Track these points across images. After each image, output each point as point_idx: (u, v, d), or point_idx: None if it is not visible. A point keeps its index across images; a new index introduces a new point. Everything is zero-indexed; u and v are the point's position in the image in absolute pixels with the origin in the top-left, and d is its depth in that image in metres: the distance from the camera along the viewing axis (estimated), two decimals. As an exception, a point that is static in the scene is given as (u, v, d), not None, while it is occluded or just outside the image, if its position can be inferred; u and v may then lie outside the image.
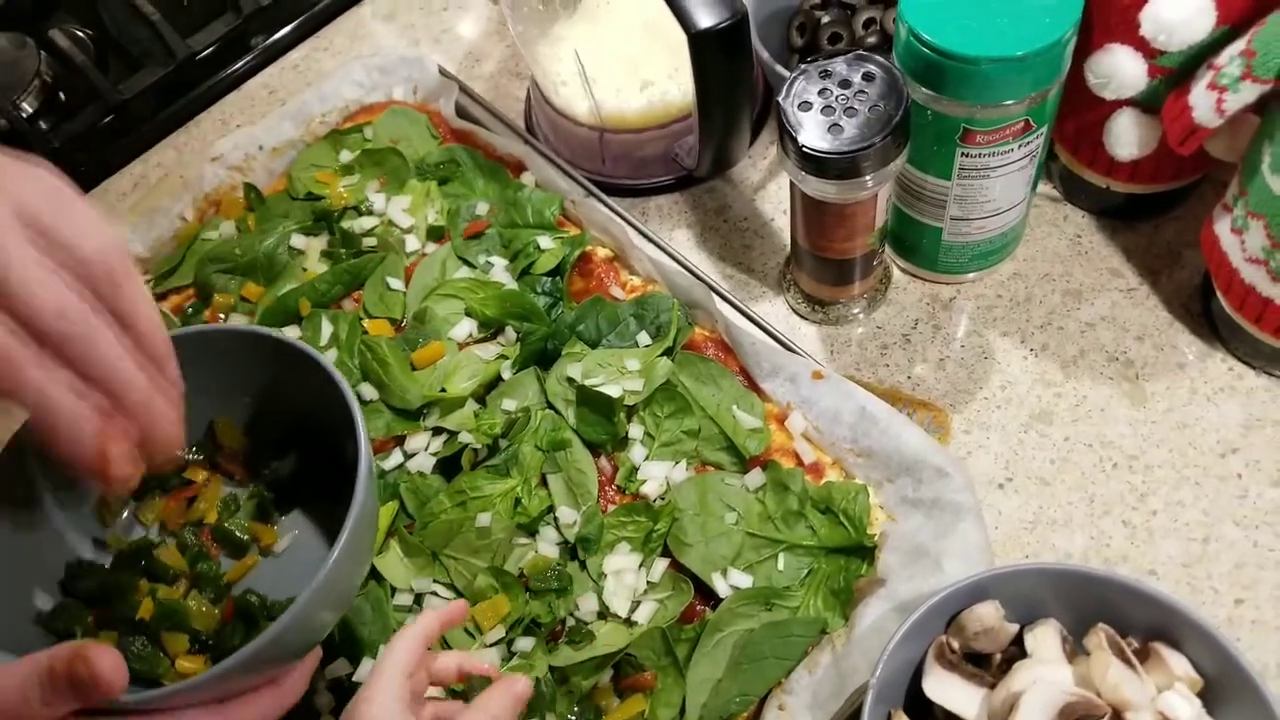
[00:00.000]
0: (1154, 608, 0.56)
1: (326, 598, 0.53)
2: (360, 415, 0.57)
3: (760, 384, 0.75)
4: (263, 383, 0.65)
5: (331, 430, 0.59)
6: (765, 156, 0.92)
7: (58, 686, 0.44)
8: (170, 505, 0.65)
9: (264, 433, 0.67)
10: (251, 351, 0.63)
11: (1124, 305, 0.80)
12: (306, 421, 0.63)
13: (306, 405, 0.61)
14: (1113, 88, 0.70)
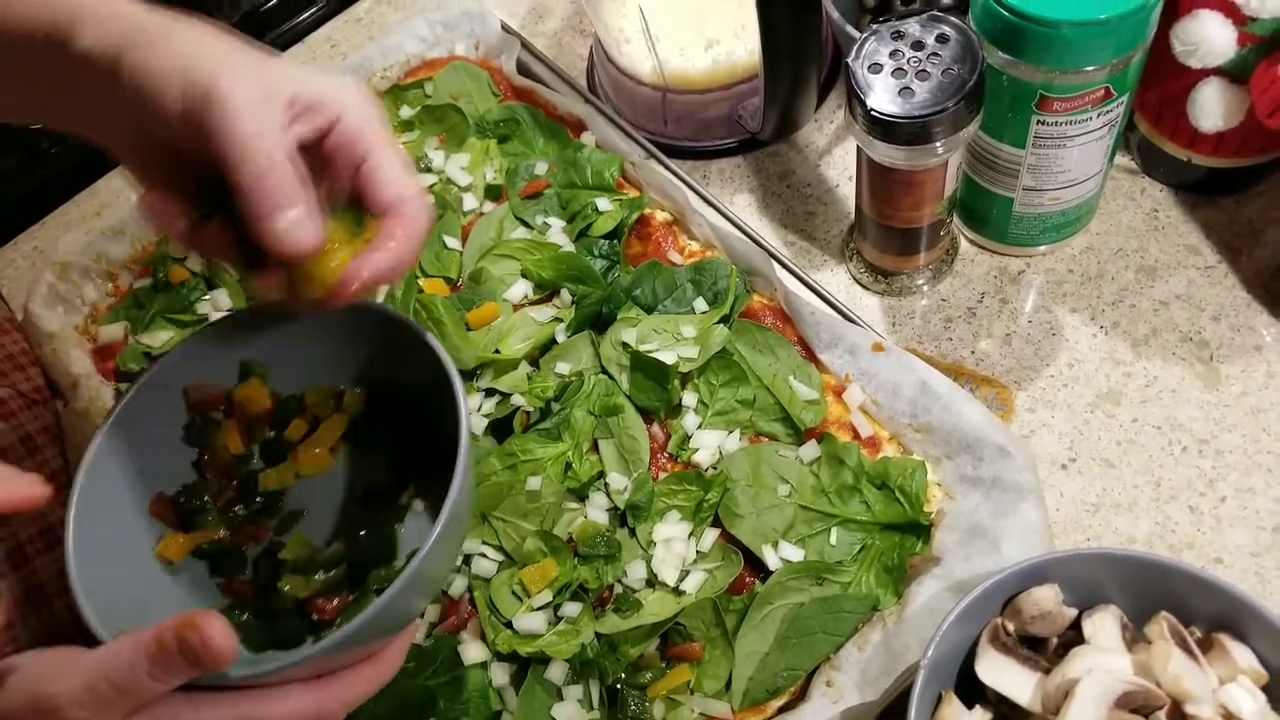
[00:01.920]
0: (1219, 598, 0.55)
1: (423, 579, 0.53)
2: (463, 396, 0.56)
3: (819, 355, 0.74)
4: (369, 358, 0.64)
5: (433, 404, 0.58)
6: (832, 120, 0.90)
7: (167, 657, 0.44)
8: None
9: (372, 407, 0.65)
10: (362, 326, 0.61)
11: (1200, 284, 0.77)
12: (408, 395, 0.62)
13: (409, 380, 0.60)
14: (1199, 55, 0.66)
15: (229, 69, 0.50)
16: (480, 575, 0.69)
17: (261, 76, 0.51)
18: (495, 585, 0.68)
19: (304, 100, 0.51)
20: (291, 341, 0.62)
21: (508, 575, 0.68)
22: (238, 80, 0.50)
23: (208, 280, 0.86)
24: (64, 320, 0.86)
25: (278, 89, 0.51)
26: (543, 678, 0.64)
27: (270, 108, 0.50)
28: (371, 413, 0.65)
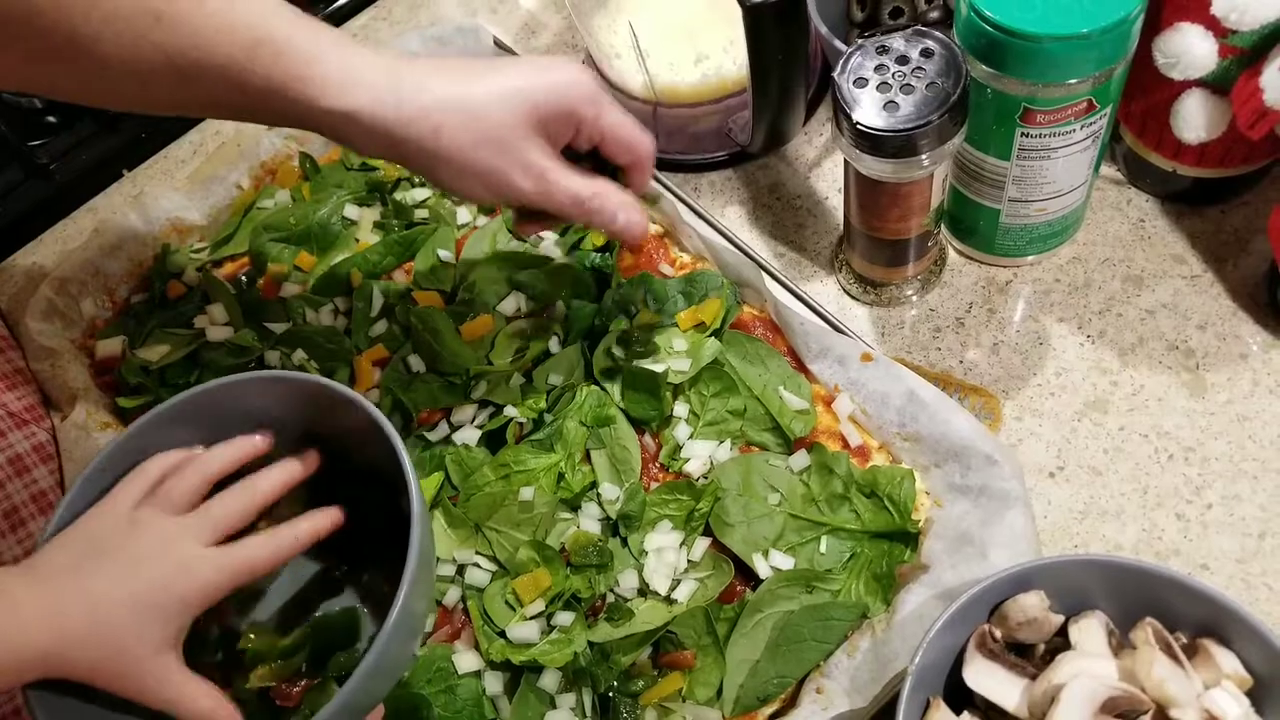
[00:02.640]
0: (1204, 603, 0.55)
1: (383, 666, 0.54)
2: (414, 477, 0.58)
3: (808, 365, 0.75)
4: (306, 427, 0.66)
5: (388, 480, 0.59)
6: (821, 133, 0.91)
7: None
8: None
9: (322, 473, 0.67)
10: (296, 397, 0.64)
11: (1186, 293, 0.78)
12: (363, 470, 0.63)
13: (364, 457, 0.62)
14: (1181, 68, 0.67)
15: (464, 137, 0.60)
16: (473, 585, 0.69)
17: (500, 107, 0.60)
18: (488, 595, 0.68)
19: (545, 112, 0.61)
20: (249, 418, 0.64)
21: (501, 585, 0.69)
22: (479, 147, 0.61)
23: (204, 295, 0.86)
24: (62, 335, 0.86)
25: (518, 117, 0.60)
26: (536, 686, 0.65)
27: (528, 148, 0.61)
28: (328, 488, 0.66)
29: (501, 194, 0.62)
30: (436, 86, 0.60)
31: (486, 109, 0.60)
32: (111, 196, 0.98)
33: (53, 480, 0.79)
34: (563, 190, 0.62)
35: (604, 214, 0.64)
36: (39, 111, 1.01)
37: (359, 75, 0.59)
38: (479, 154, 0.60)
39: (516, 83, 0.61)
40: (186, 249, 0.90)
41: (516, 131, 0.60)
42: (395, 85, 0.59)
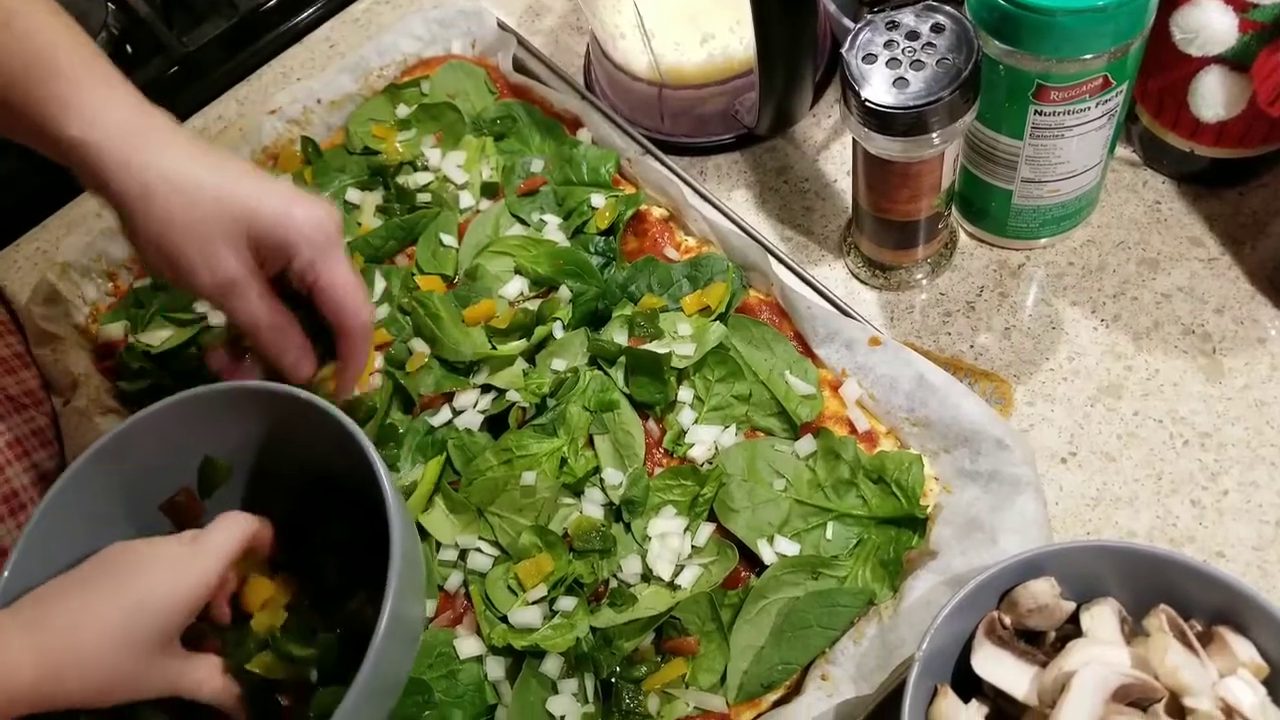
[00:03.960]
0: (1220, 590, 0.54)
1: (371, 696, 0.53)
2: (394, 497, 0.56)
3: (815, 349, 0.73)
4: (276, 436, 0.65)
5: (361, 481, 0.58)
6: (829, 115, 0.90)
7: None
8: None
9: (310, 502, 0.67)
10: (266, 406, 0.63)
11: (1203, 276, 0.76)
12: (352, 492, 0.62)
13: (350, 479, 0.60)
14: (1199, 43, 0.66)
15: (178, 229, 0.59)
16: (476, 570, 0.68)
17: (217, 203, 0.59)
18: (491, 580, 0.68)
19: (260, 229, 0.60)
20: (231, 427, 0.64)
21: (503, 570, 0.68)
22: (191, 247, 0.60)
23: (206, 279, 0.85)
24: (64, 320, 0.86)
25: (230, 220, 0.60)
26: (538, 671, 0.64)
27: (226, 253, 0.60)
28: (317, 509, 0.65)
29: (183, 283, 0.61)
30: (172, 156, 0.59)
31: (202, 198, 0.59)
32: (115, 181, 0.97)
33: (53, 465, 0.78)
34: (245, 308, 0.62)
35: (275, 347, 0.64)
36: (43, 96, 1.01)
37: (110, 114, 0.59)
38: (176, 236, 0.59)
39: (247, 191, 0.60)
40: (189, 233, 0.89)
41: (223, 233, 0.59)
42: (134, 134, 0.59)
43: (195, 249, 0.60)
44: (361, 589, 0.62)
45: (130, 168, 0.58)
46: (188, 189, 0.59)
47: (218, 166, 0.61)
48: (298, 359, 0.65)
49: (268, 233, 0.61)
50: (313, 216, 0.62)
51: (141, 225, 0.60)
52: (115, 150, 0.58)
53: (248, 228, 0.60)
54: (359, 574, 0.62)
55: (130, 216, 0.60)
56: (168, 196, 0.59)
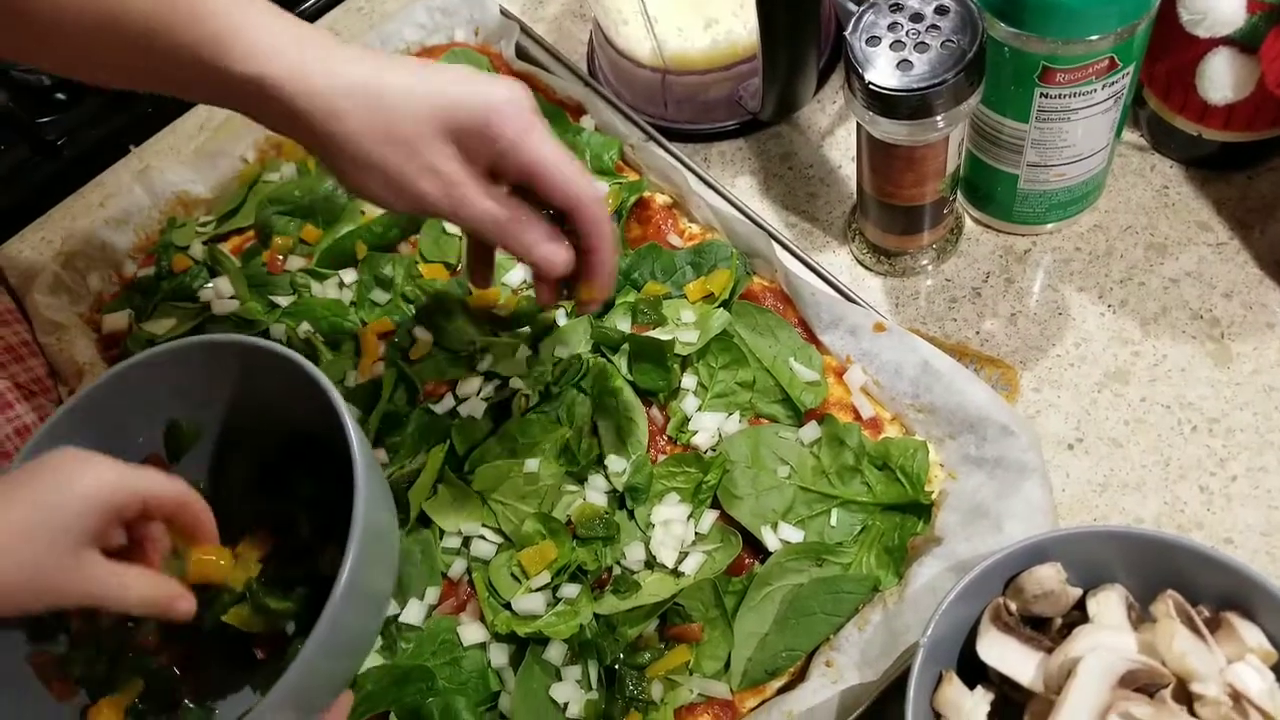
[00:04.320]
0: (1228, 576, 0.53)
1: (331, 650, 0.52)
2: (357, 439, 0.55)
3: (819, 336, 0.73)
4: (245, 392, 0.64)
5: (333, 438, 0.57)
6: (834, 101, 0.89)
7: None
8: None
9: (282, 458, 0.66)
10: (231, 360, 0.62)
11: (1212, 261, 0.75)
12: (322, 445, 0.61)
13: (318, 432, 0.59)
14: (1207, 25, 0.65)
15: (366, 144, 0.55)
16: (479, 557, 0.68)
17: (410, 104, 0.54)
18: (494, 567, 0.67)
19: (461, 120, 0.55)
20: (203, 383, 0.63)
21: (506, 557, 0.68)
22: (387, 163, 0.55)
23: (210, 269, 0.85)
24: (69, 309, 0.86)
25: (429, 119, 0.54)
26: (541, 658, 0.64)
27: (438, 153, 0.55)
28: (289, 465, 0.65)
29: (406, 200, 0.57)
30: (345, 67, 0.54)
31: (394, 102, 0.54)
32: (119, 172, 0.97)
33: None
34: (475, 205, 0.56)
35: (522, 241, 0.58)
36: (47, 89, 1.01)
37: (273, 42, 0.54)
38: (381, 149, 0.55)
39: (435, 83, 0.55)
40: (193, 223, 0.89)
41: (425, 133, 0.55)
42: (301, 57, 0.54)
43: (406, 159, 0.55)
44: (333, 544, 0.61)
45: (313, 95, 0.54)
46: (379, 99, 0.54)
47: (396, 67, 0.55)
48: (552, 247, 0.58)
49: (469, 122, 0.55)
50: (512, 96, 0.56)
51: (341, 150, 0.55)
52: (291, 80, 0.53)
53: (448, 122, 0.55)
54: (331, 531, 0.62)
55: (326, 145, 0.55)
56: (360, 113, 0.54)
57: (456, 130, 0.55)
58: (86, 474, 0.53)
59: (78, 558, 0.52)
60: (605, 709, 0.62)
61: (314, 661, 0.50)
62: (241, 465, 0.66)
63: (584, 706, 0.62)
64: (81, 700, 0.59)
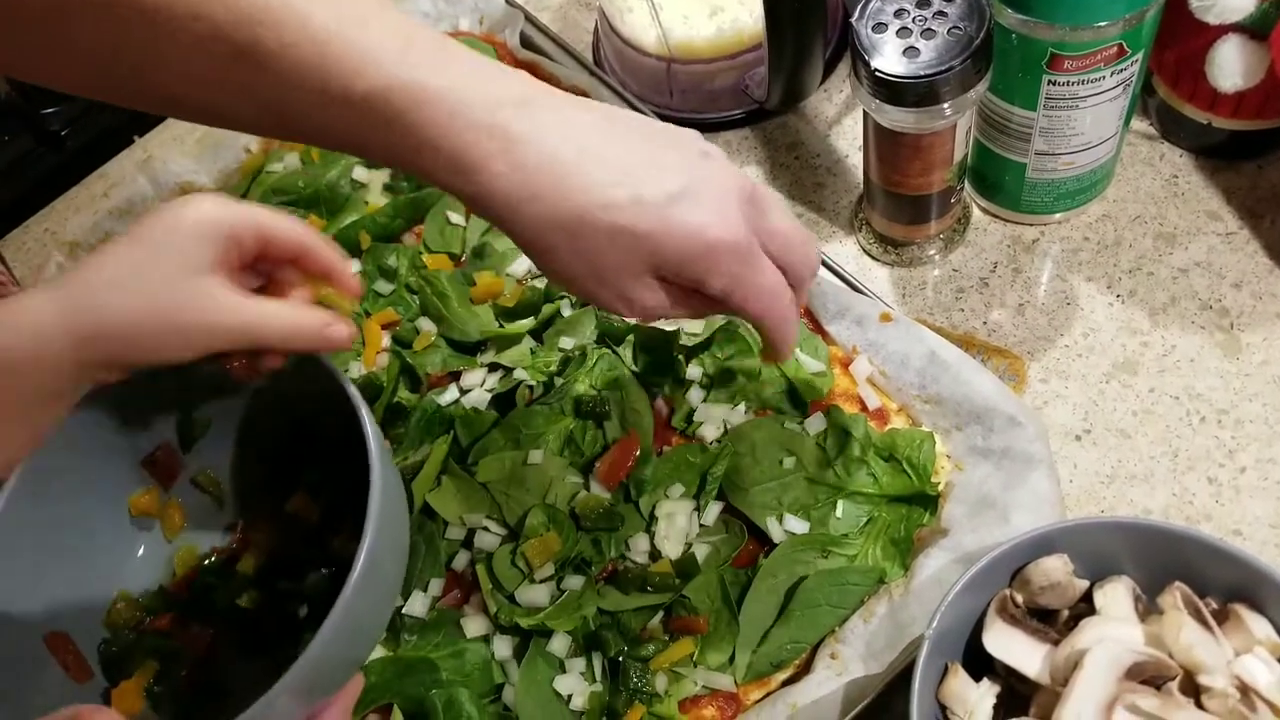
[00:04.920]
0: (1236, 567, 0.53)
1: (345, 634, 0.51)
2: (372, 432, 0.53)
3: (825, 326, 0.73)
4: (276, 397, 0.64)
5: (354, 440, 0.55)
6: (841, 90, 0.88)
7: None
8: None
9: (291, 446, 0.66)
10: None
11: (1221, 250, 0.75)
12: (328, 432, 0.59)
13: (325, 418, 0.58)
14: (1217, 11, 0.64)
15: None
16: (483, 549, 0.68)
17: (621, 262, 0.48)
18: (498, 558, 0.67)
19: (673, 273, 0.48)
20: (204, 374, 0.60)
21: (510, 549, 0.67)
22: None
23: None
24: (72, 300, 0.86)
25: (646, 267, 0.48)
26: (545, 650, 0.63)
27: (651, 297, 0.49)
28: (296, 444, 0.64)
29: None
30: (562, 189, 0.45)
31: (599, 242, 0.46)
32: (122, 162, 0.97)
33: None
34: (661, 314, 0.51)
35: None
36: (51, 78, 1.01)
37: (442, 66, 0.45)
38: (580, 282, 0.48)
39: (653, 222, 0.46)
40: (196, 213, 0.89)
41: (626, 273, 0.48)
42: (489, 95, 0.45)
43: (598, 285, 0.48)
44: (344, 531, 0.62)
45: (531, 224, 0.46)
46: (584, 235, 0.46)
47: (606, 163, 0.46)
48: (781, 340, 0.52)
49: (678, 271, 0.48)
50: (726, 240, 0.47)
51: (523, 244, 0.48)
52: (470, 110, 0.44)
53: (656, 266, 0.48)
54: (340, 518, 0.62)
55: (500, 220, 0.47)
56: (565, 253, 0.47)
57: (662, 267, 0.48)
58: (195, 205, 0.49)
59: (207, 285, 0.48)
60: (609, 701, 0.62)
61: (331, 642, 0.49)
62: (252, 453, 0.66)
63: (588, 698, 0.62)
64: (99, 683, 0.59)
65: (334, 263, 0.53)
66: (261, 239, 0.50)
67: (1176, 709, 0.49)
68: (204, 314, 0.48)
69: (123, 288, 0.47)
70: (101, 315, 0.46)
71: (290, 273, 0.53)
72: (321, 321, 0.51)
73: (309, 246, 0.52)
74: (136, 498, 0.63)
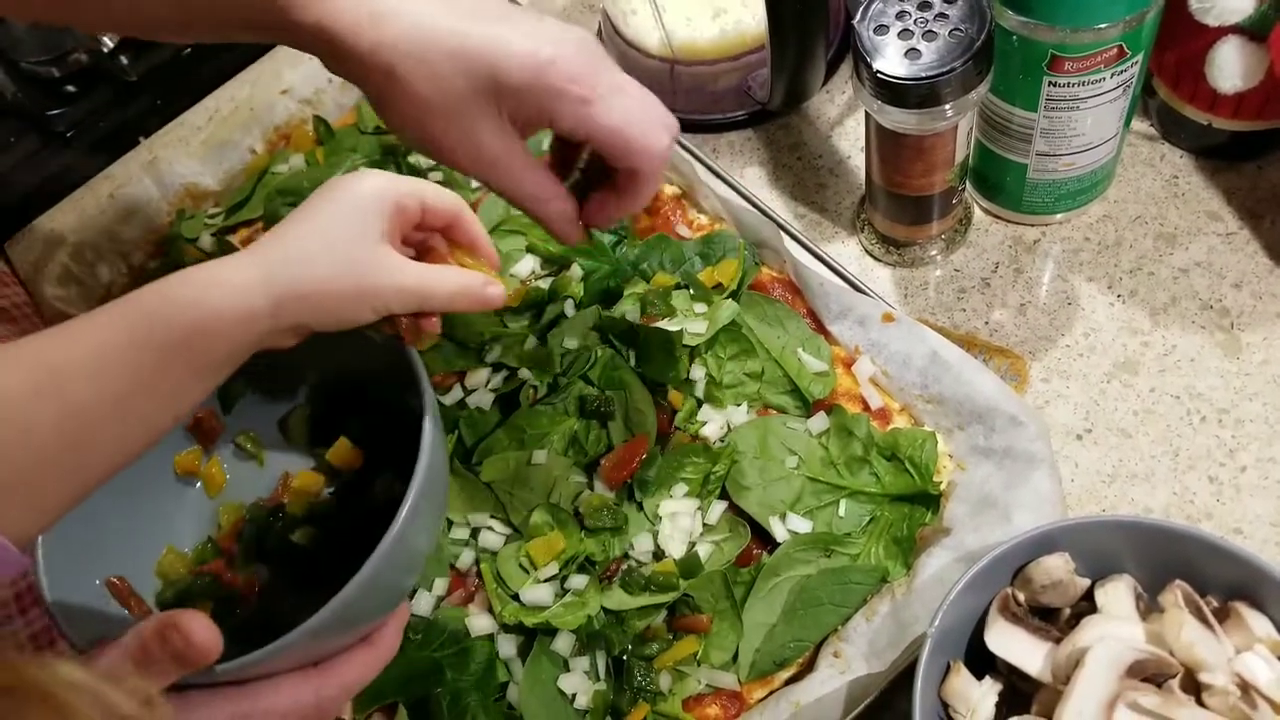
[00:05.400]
0: (1237, 565, 0.53)
1: (402, 553, 0.51)
2: (422, 368, 0.55)
3: (828, 326, 0.73)
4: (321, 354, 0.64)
5: (397, 389, 0.57)
6: (843, 91, 0.89)
7: (152, 659, 0.43)
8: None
9: (330, 405, 0.67)
10: None
11: (1221, 250, 0.75)
12: (371, 385, 0.62)
13: (368, 369, 0.60)
14: (1217, 13, 0.65)
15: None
16: (487, 548, 0.68)
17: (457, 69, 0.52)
18: (502, 558, 0.67)
19: (512, 87, 0.52)
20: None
21: (515, 548, 0.68)
22: None
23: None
24: (78, 301, 0.86)
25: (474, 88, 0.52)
26: (549, 649, 0.64)
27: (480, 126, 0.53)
28: (335, 402, 0.65)
29: (444, 163, 0.56)
30: (411, 12, 0.51)
31: (444, 68, 0.51)
32: (128, 164, 0.97)
33: None
34: (506, 185, 0.56)
35: (543, 220, 0.58)
36: (57, 80, 1.01)
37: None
38: (427, 118, 0.53)
39: (487, 44, 0.51)
40: (201, 214, 0.89)
41: (471, 105, 0.52)
42: (372, 11, 0.51)
43: (446, 129, 0.53)
44: (388, 472, 0.63)
45: (376, 50, 0.51)
46: (429, 58, 0.51)
47: (464, 17, 0.51)
48: (566, 231, 0.59)
49: (518, 94, 0.52)
50: (567, 58, 0.51)
51: (391, 109, 0.53)
52: (353, 33, 0.51)
53: (494, 89, 0.51)
54: (380, 467, 0.64)
55: (379, 100, 0.54)
56: (411, 74, 0.51)
57: (505, 95, 0.52)
58: (369, 178, 0.53)
59: (383, 252, 0.51)
60: (613, 700, 0.62)
61: (384, 568, 0.50)
62: (291, 411, 0.67)
63: (592, 697, 0.62)
64: None
65: (480, 234, 0.58)
66: (420, 208, 0.54)
67: (1177, 706, 0.50)
68: (386, 276, 0.51)
69: (314, 255, 0.50)
70: (298, 280, 0.49)
71: (439, 241, 0.57)
72: (482, 280, 0.54)
73: (461, 217, 0.56)
74: (181, 456, 0.64)
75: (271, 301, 0.48)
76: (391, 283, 0.51)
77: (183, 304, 0.47)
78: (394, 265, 0.51)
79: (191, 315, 0.46)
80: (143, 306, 0.46)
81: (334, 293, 0.50)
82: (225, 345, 0.48)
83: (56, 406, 0.43)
